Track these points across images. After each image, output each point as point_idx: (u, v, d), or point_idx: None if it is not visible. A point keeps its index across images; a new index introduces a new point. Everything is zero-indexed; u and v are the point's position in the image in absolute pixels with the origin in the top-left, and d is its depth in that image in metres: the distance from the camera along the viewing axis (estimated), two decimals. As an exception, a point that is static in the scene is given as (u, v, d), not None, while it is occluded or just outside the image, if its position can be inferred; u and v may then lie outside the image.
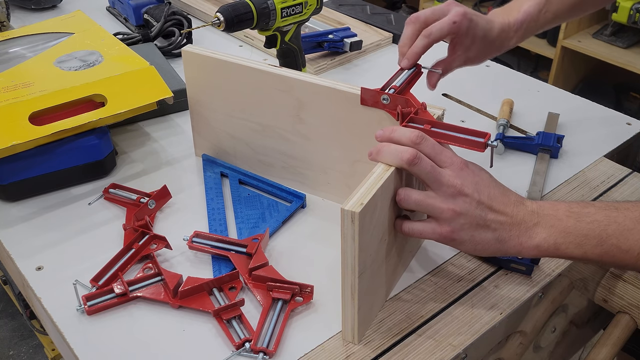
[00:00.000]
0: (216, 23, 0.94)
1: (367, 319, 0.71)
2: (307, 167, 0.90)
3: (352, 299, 0.66)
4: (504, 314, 0.74)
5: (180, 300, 0.74)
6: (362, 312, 0.68)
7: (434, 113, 0.74)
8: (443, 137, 0.71)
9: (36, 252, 0.82)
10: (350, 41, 1.26)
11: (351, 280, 0.65)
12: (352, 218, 0.61)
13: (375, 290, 0.71)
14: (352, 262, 0.63)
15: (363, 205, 0.61)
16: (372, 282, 0.69)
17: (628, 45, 2.46)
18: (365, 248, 0.64)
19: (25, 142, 0.85)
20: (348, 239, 0.62)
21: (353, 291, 0.66)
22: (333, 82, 0.81)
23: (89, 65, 0.99)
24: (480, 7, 2.88)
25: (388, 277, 0.75)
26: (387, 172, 0.66)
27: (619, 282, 0.85)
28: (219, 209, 0.89)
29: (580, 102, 1.16)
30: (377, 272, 0.70)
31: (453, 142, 0.71)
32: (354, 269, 0.64)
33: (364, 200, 0.61)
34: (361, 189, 0.63)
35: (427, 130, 0.71)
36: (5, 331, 1.92)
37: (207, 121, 0.94)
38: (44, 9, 1.48)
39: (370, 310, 0.72)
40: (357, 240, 0.62)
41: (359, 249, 0.62)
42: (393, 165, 0.67)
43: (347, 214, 0.61)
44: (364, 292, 0.67)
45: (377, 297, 0.73)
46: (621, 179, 0.96)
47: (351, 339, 0.70)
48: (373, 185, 0.64)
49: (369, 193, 0.63)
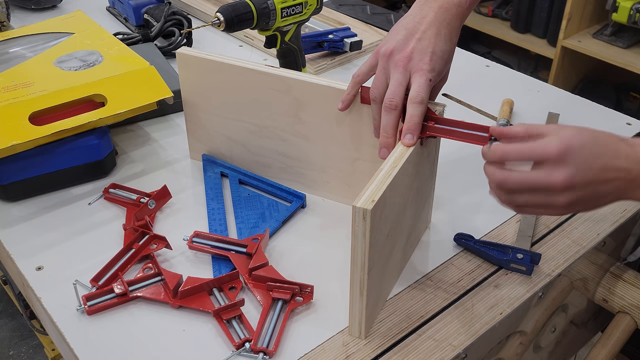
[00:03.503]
0: (216, 23, 0.94)
1: (373, 314, 0.72)
2: (306, 166, 0.90)
3: (360, 295, 0.67)
4: (504, 314, 0.74)
5: (180, 300, 0.74)
6: (369, 308, 0.69)
7: (435, 109, 0.74)
8: (447, 133, 0.71)
9: (36, 252, 0.82)
10: (350, 41, 1.26)
11: (360, 276, 0.65)
12: (363, 215, 0.61)
13: (381, 285, 0.72)
14: (362, 259, 0.64)
15: (374, 203, 0.61)
16: (379, 278, 0.70)
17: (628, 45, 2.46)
18: (374, 244, 0.65)
19: (25, 142, 0.85)
20: (359, 236, 0.63)
21: (362, 287, 0.66)
22: (332, 81, 0.81)
23: (89, 65, 0.99)
24: (480, 7, 2.88)
25: (392, 272, 0.75)
26: (394, 168, 0.66)
27: (619, 282, 0.85)
28: (219, 209, 0.89)
29: (580, 102, 1.16)
30: (384, 268, 0.71)
31: (457, 138, 0.71)
32: (363, 265, 0.64)
33: (375, 197, 0.62)
34: (371, 186, 0.64)
35: (431, 126, 0.72)
36: (5, 331, 1.92)
37: (202, 124, 0.94)
38: (44, 9, 1.48)
39: (376, 306, 0.72)
40: (367, 237, 0.62)
41: (370, 246, 0.63)
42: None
43: (358, 210, 0.61)
44: (372, 288, 0.68)
45: (382, 293, 0.74)
46: (621, 179, 0.95)
47: (358, 334, 0.71)
48: (382, 182, 0.64)
49: (379, 190, 0.63)
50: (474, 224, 0.87)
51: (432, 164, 0.80)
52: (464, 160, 0.98)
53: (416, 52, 0.73)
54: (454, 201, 0.92)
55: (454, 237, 0.84)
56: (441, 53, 0.74)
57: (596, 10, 2.54)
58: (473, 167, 0.97)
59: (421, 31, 0.75)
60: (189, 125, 0.96)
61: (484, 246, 0.81)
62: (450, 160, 0.96)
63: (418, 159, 0.73)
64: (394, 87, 0.73)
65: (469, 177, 0.96)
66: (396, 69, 0.73)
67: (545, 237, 0.85)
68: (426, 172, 0.78)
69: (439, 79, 0.76)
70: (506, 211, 0.90)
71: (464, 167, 0.97)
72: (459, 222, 0.87)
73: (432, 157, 0.80)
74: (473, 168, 0.97)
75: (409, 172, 0.71)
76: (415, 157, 0.72)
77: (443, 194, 0.92)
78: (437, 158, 0.81)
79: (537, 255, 0.79)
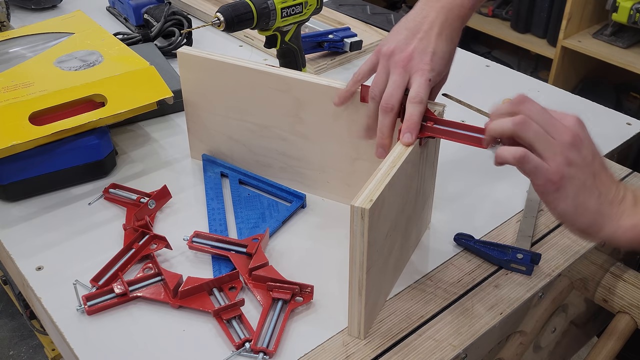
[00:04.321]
0: (216, 23, 0.94)
1: (372, 314, 0.72)
2: (306, 166, 0.90)
3: (359, 295, 0.67)
4: (504, 314, 0.74)
5: (180, 300, 0.74)
6: (368, 307, 0.69)
7: (434, 109, 0.74)
8: (446, 134, 0.71)
9: (36, 252, 0.82)
10: (350, 41, 1.26)
11: (359, 276, 0.65)
12: (362, 214, 0.61)
13: (381, 285, 0.72)
14: (360, 258, 0.64)
15: (373, 202, 0.61)
16: (378, 278, 0.70)
17: (628, 45, 2.46)
18: (373, 244, 0.64)
19: (25, 142, 0.85)
20: (357, 235, 0.63)
21: (361, 287, 0.66)
22: (332, 80, 0.81)
23: (89, 65, 0.99)
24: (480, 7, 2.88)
25: (391, 272, 0.75)
26: (393, 168, 0.66)
27: (619, 282, 0.85)
28: (219, 209, 0.89)
29: (580, 102, 1.16)
30: (383, 268, 0.71)
31: (456, 139, 0.71)
32: (362, 264, 0.64)
33: (374, 197, 0.62)
34: (370, 185, 0.64)
35: (430, 127, 0.71)
36: (5, 331, 1.92)
37: (203, 123, 0.94)
38: (44, 9, 1.48)
39: (375, 305, 0.72)
40: (366, 236, 0.62)
41: (368, 245, 0.63)
42: (504, 131, 0.63)
43: (357, 210, 0.61)
44: (371, 288, 0.68)
45: (382, 292, 0.74)
46: (621, 179, 0.96)
47: (357, 334, 0.71)
48: (381, 181, 0.64)
49: (377, 189, 0.63)
50: (474, 224, 0.87)
51: (432, 164, 0.80)
52: (464, 160, 0.98)
53: (417, 52, 0.73)
54: (454, 201, 0.92)
55: (454, 237, 0.84)
56: (442, 53, 0.74)
57: (596, 10, 2.54)
58: (473, 167, 0.97)
59: (423, 31, 0.75)
60: (190, 124, 0.96)
61: (484, 246, 0.81)
62: (450, 160, 0.96)
63: (417, 159, 0.73)
64: (392, 88, 0.73)
65: (469, 177, 0.96)
66: (396, 69, 0.73)
67: (545, 237, 0.85)
68: (426, 172, 0.78)
69: (439, 79, 0.76)
70: (506, 211, 0.90)
71: (464, 167, 0.97)
72: (459, 222, 0.87)
73: (432, 158, 0.80)
74: (473, 168, 0.97)
75: (408, 172, 0.71)
76: (414, 157, 0.71)
77: (443, 194, 0.92)
78: (437, 159, 0.81)
79: (537, 255, 0.79)
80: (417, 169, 0.74)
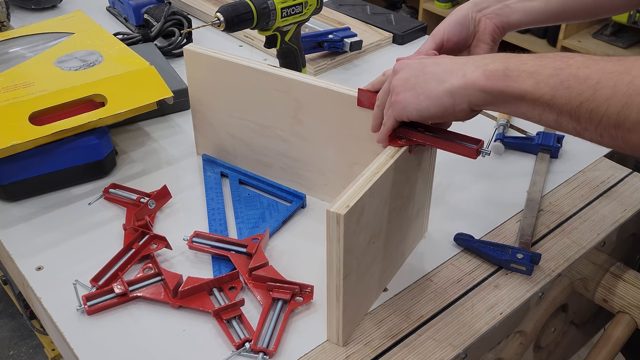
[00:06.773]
0: (216, 23, 0.94)
1: (353, 321, 0.71)
2: (305, 168, 0.90)
3: (337, 301, 0.66)
4: (504, 314, 0.74)
5: (180, 300, 0.74)
6: (347, 314, 0.68)
7: None
8: (435, 142, 0.70)
9: (36, 252, 0.82)
10: (350, 41, 1.26)
11: (336, 283, 0.65)
12: (337, 220, 0.60)
13: (362, 292, 0.71)
14: (337, 264, 0.63)
15: (349, 208, 0.60)
16: (359, 285, 0.69)
17: (628, 45, 2.46)
18: (351, 250, 0.64)
19: (25, 142, 0.85)
20: (333, 241, 0.62)
21: (338, 293, 0.65)
22: (330, 83, 0.81)
23: (89, 65, 0.99)
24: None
25: (377, 279, 0.74)
26: (376, 174, 0.65)
27: (619, 282, 0.85)
28: (219, 209, 0.89)
29: (580, 102, 1.15)
30: (365, 275, 0.70)
31: (445, 148, 0.70)
32: (339, 271, 0.63)
33: (350, 203, 0.61)
34: (349, 191, 0.63)
35: (421, 134, 0.71)
36: (5, 331, 1.92)
37: (208, 120, 0.94)
38: (44, 9, 1.48)
39: (357, 312, 0.71)
40: (342, 242, 0.61)
41: (344, 251, 0.62)
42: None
43: (332, 215, 0.60)
44: (350, 295, 0.67)
45: (365, 299, 0.73)
46: (621, 179, 0.96)
47: (336, 340, 0.70)
48: (361, 188, 0.63)
49: (356, 195, 0.62)
50: (474, 224, 0.87)
51: (426, 173, 0.79)
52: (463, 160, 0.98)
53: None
54: (454, 201, 0.92)
55: (454, 237, 0.84)
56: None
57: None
58: (473, 167, 0.97)
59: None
60: (196, 121, 0.96)
61: (484, 246, 0.81)
62: (450, 160, 0.96)
63: (407, 166, 0.72)
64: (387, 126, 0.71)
65: (469, 177, 0.96)
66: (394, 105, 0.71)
67: (545, 237, 0.85)
68: (418, 180, 0.77)
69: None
70: (506, 211, 0.90)
71: (464, 167, 0.97)
72: (459, 222, 0.87)
73: (427, 167, 0.78)
74: (473, 168, 0.97)
75: (395, 179, 0.70)
76: (402, 164, 0.70)
77: (443, 194, 0.92)
78: (433, 166, 0.80)
79: (537, 255, 0.79)
80: (407, 176, 0.73)
